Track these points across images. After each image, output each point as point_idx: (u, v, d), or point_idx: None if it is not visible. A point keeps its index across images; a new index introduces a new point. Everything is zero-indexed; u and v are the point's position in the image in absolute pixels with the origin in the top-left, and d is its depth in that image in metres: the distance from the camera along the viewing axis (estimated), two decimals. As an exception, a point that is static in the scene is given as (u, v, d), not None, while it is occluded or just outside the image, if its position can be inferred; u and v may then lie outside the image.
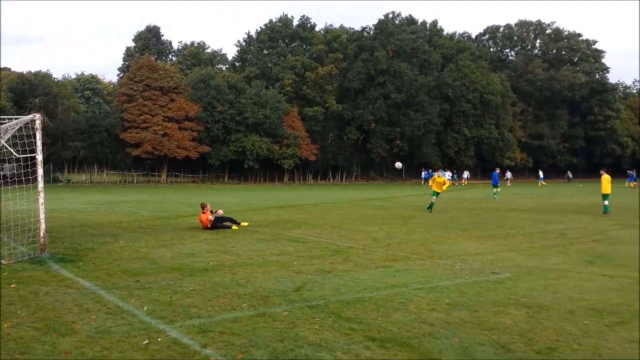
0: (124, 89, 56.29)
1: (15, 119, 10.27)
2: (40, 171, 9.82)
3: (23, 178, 10.59)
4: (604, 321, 6.12)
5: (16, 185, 11.90)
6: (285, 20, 72.86)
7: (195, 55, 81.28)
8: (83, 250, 10.97)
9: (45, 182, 10.88)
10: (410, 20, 77.64)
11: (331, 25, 73.89)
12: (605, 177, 21.51)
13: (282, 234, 13.90)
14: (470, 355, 5.03)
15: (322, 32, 72.46)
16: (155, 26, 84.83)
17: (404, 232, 14.65)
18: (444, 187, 22.04)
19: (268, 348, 5.18)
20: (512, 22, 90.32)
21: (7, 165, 28.48)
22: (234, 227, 15.08)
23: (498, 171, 34.72)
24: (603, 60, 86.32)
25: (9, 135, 10.18)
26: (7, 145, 9.62)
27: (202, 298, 7.07)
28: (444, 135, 69.92)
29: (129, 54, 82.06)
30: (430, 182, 23.84)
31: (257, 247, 11.52)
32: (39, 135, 9.77)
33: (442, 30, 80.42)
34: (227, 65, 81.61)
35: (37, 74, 55.93)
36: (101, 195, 32.57)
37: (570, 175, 76.26)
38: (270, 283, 8.02)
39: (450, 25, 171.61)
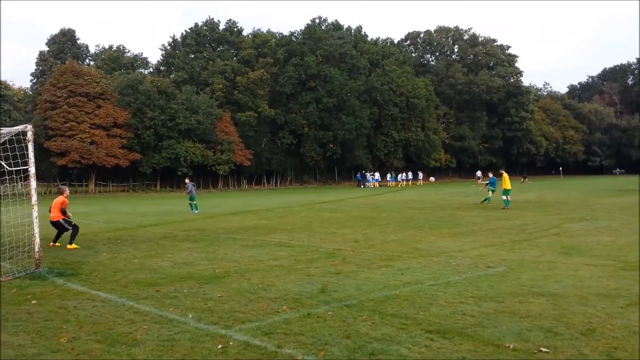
0: (47, 96, 53.81)
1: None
2: (33, 184, 9.52)
3: None
4: (616, 304, 6.84)
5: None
6: (211, 24, 72.30)
7: (115, 59, 78.78)
8: (72, 263, 10.67)
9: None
10: (337, 26, 79.20)
11: (259, 29, 74.13)
12: (505, 176, 24.25)
13: (262, 240, 14.04)
14: (527, 339, 5.53)
15: (250, 36, 72.45)
16: (70, 29, 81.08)
17: (377, 232, 15.19)
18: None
19: (340, 345, 5.45)
20: (432, 27, 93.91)
21: None
22: (70, 246, 12.97)
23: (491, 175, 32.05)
24: (517, 65, 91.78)
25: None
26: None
27: (237, 303, 7.20)
28: (374, 138, 71.81)
29: (42, 59, 78.13)
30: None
31: (249, 253, 11.64)
32: (31, 147, 9.48)
33: (366, 35, 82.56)
34: (151, 70, 79.74)
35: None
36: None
37: (480, 175, 77.99)
38: (290, 286, 8.23)
39: (374, 30, 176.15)
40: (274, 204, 31.23)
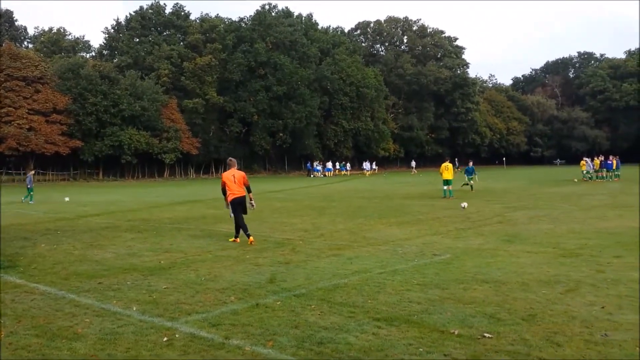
0: (-19, 79, 51.10)
1: None
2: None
3: None
4: (556, 290, 7.09)
5: None
6: (157, 8, 70.40)
7: (55, 42, 75.73)
8: (9, 255, 10.19)
9: None
10: (287, 13, 78.51)
11: (207, 14, 72.52)
12: (449, 166, 24.31)
13: (210, 230, 13.85)
14: (471, 325, 5.66)
15: (197, 21, 70.92)
16: (7, 10, 77.36)
17: (327, 222, 15.23)
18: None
19: (288, 335, 5.41)
20: (382, 17, 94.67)
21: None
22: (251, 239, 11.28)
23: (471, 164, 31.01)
24: (463, 56, 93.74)
25: None
26: None
27: (184, 295, 7.05)
28: (324, 127, 71.93)
29: (-24, 40, 74.28)
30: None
31: (197, 244, 11.45)
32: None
33: (317, 24, 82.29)
34: (93, 54, 77.07)
35: None
36: (-31, 196, 29.47)
37: (414, 164, 74.91)
38: (239, 277, 8.14)
39: (325, 19, 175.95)
40: (223, 192, 30.82)
